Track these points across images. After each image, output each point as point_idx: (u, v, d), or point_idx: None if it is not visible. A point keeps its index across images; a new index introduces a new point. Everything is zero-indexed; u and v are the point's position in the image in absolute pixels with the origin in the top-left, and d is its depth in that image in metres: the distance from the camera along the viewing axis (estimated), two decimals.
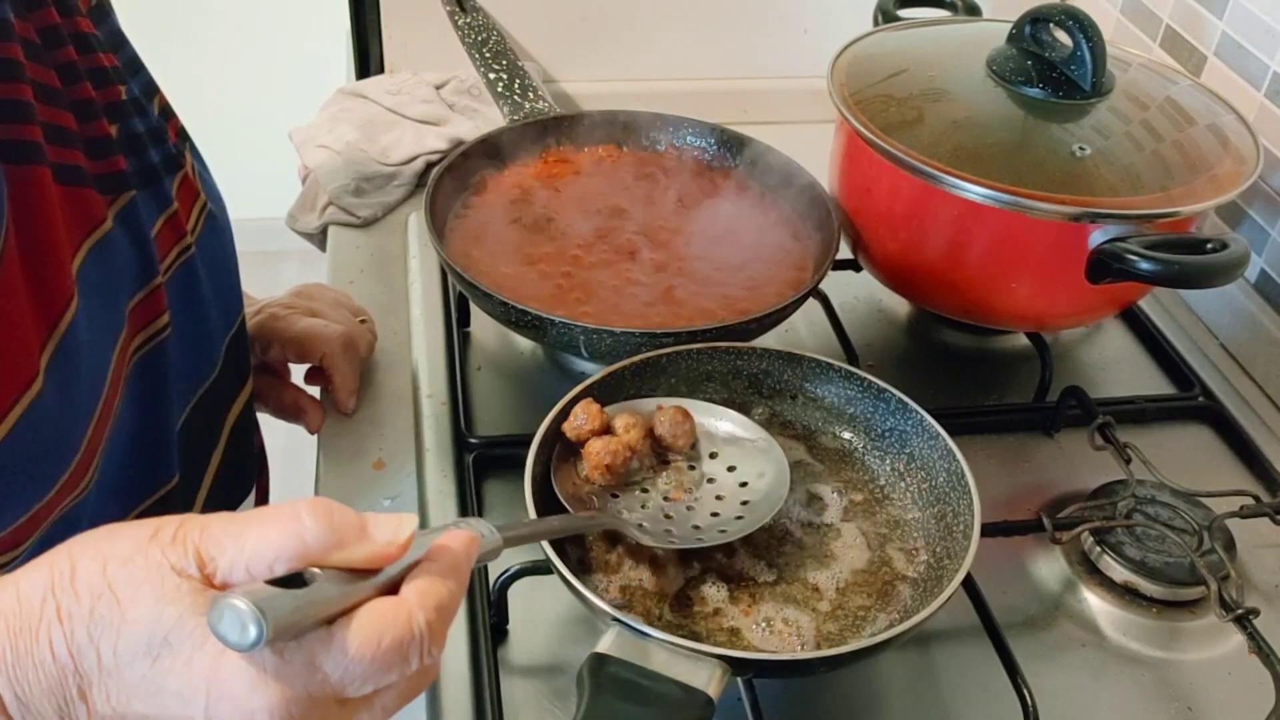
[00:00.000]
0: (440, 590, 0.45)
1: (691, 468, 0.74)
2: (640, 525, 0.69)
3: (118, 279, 0.61)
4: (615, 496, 0.72)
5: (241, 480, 0.81)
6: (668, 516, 0.70)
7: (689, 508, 0.71)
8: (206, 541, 0.42)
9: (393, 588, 0.45)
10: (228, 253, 0.75)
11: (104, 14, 0.65)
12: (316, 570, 0.43)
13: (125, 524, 0.44)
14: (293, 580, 0.43)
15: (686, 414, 0.74)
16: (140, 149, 0.64)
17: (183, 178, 0.68)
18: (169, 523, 0.43)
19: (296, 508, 0.43)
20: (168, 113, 0.70)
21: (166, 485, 0.68)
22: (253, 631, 0.39)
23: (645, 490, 0.72)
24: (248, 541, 0.42)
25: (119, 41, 0.66)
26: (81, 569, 0.42)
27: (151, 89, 0.69)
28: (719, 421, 0.76)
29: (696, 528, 0.69)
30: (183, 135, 0.71)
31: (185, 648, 0.41)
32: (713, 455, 0.75)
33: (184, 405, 0.70)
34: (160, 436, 0.67)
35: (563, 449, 0.72)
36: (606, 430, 0.72)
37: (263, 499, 0.86)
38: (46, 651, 0.42)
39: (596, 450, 0.71)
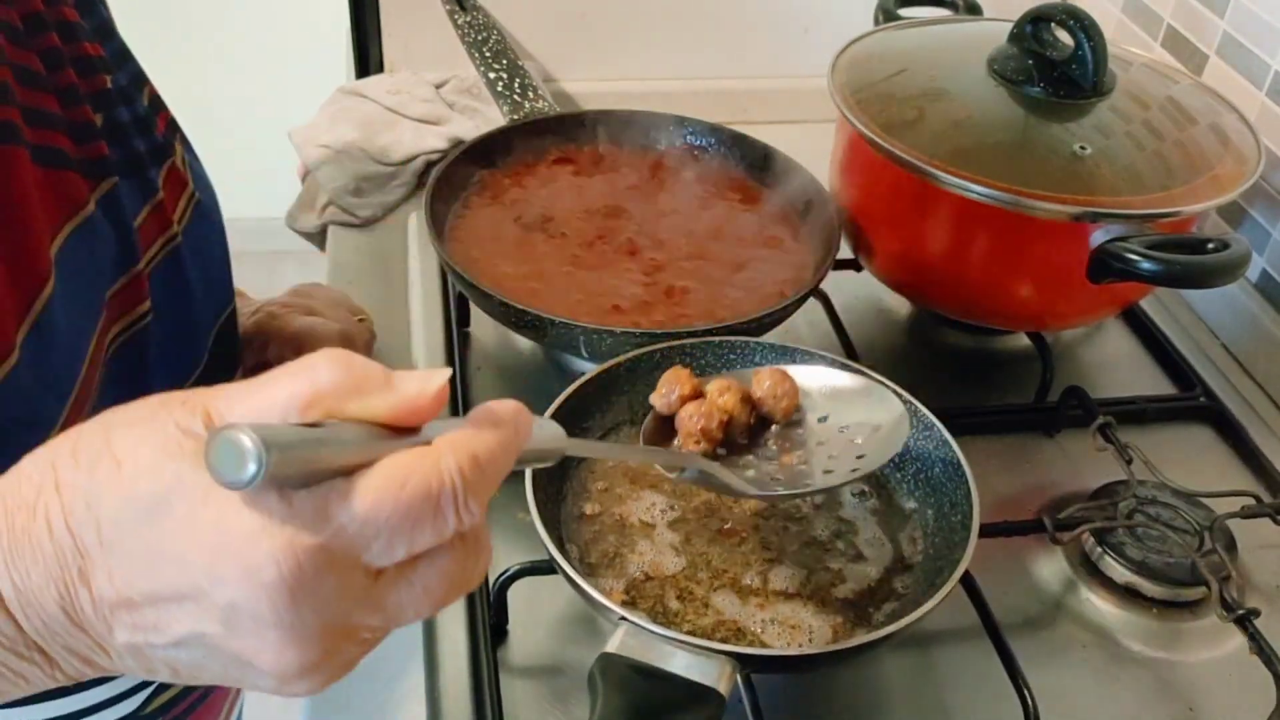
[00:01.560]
0: (476, 440, 0.39)
1: (798, 433, 0.66)
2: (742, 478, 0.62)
3: (98, 264, 0.60)
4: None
5: None
6: (775, 479, 0.64)
7: (799, 468, 0.65)
8: (215, 400, 0.39)
9: None
10: (217, 243, 0.74)
11: (91, 4, 0.65)
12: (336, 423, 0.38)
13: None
14: None
15: (786, 374, 0.68)
16: (124, 137, 0.64)
17: (170, 167, 0.68)
18: (180, 393, 0.40)
19: (313, 358, 0.39)
20: (157, 104, 0.70)
21: None
22: (251, 465, 0.34)
23: (750, 457, 0.65)
24: (259, 395, 0.38)
25: (107, 32, 0.66)
26: (84, 438, 0.39)
27: (140, 80, 0.68)
28: (819, 377, 0.70)
29: (806, 483, 0.64)
30: (172, 126, 0.71)
31: (185, 504, 0.37)
32: (822, 419, 0.68)
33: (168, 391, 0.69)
34: None
35: (656, 428, 0.67)
36: (699, 398, 0.67)
37: None
38: (44, 528, 0.38)
39: (689, 415, 0.64)
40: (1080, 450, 0.87)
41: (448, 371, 0.40)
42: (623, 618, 0.60)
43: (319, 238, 1.10)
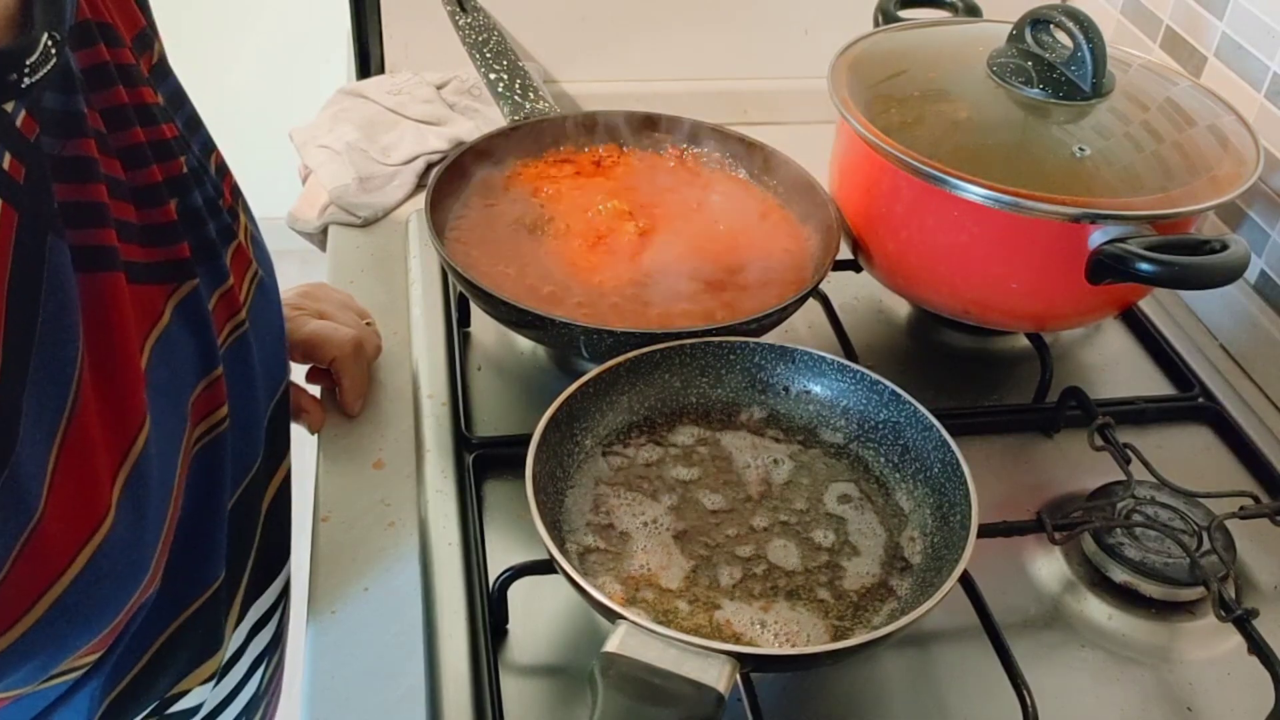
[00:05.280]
0: None
1: None
2: None
3: (180, 377, 0.56)
4: None
5: (276, 561, 0.76)
6: None
7: None
8: None
9: None
10: (276, 319, 0.70)
11: (164, 74, 0.60)
12: None
13: None
14: None
15: None
16: (197, 225, 0.59)
17: (236, 248, 0.64)
18: None
19: None
20: (223, 170, 0.65)
21: (213, 585, 0.64)
22: None
23: None
24: None
25: (179, 102, 0.61)
26: None
27: (209, 147, 0.64)
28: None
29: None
30: (235, 192, 0.66)
31: None
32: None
33: (233, 495, 0.65)
34: (212, 533, 0.62)
35: None
36: None
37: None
38: None
39: None
40: (1079, 451, 0.87)
41: None
42: (622, 617, 0.60)
43: (320, 238, 1.10)
